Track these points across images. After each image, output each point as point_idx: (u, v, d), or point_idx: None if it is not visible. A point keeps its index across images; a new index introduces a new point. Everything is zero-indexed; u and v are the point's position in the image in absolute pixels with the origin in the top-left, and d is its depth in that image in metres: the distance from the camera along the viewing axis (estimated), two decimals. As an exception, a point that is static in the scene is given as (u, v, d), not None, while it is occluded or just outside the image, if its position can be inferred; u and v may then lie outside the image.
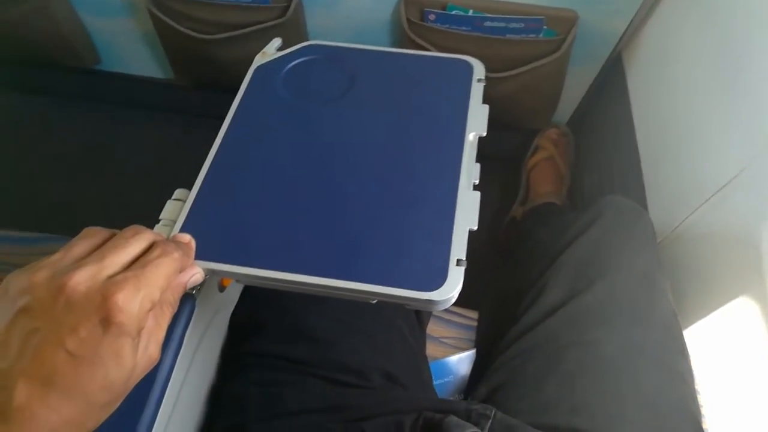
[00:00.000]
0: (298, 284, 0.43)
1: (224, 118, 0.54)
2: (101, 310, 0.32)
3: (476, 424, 0.53)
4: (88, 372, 0.32)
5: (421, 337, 0.69)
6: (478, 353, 0.72)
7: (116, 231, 0.38)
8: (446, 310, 0.75)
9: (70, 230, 0.84)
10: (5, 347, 0.32)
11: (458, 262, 0.43)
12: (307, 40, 0.62)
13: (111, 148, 1.41)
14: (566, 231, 0.71)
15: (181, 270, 0.40)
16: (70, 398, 0.31)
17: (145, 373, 0.36)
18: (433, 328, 0.73)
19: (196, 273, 0.42)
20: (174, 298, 0.39)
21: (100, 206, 1.31)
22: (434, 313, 0.73)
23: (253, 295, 0.62)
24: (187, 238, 0.44)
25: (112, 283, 0.33)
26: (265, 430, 0.53)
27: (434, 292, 0.42)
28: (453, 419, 0.52)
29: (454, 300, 0.43)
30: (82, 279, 0.33)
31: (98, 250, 0.36)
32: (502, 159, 1.22)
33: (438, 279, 0.42)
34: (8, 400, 0.30)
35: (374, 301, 0.44)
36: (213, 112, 0.56)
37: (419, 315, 0.69)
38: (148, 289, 0.34)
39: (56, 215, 1.28)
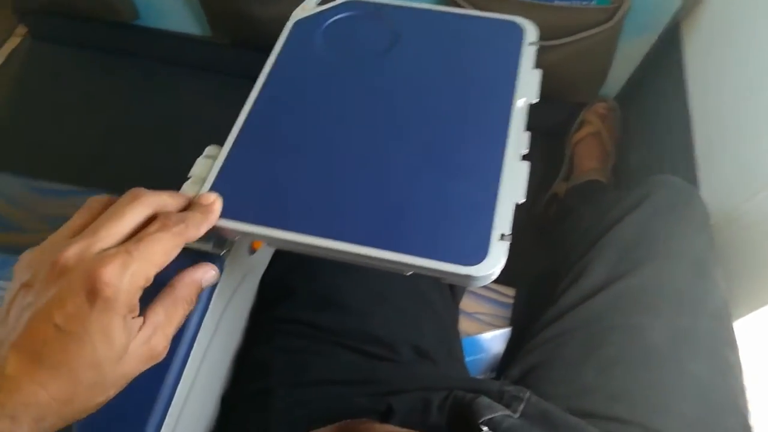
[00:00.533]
0: (331, 251, 0.41)
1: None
2: (87, 283, 0.31)
3: (508, 406, 0.51)
4: (75, 347, 0.31)
5: (454, 312, 0.67)
6: (512, 332, 0.69)
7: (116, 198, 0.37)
8: (481, 286, 0.73)
9: (105, 183, 0.84)
10: (5, 319, 0.33)
11: (502, 237, 0.40)
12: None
13: (147, 103, 1.41)
14: (611, 210, 0.68)
15: (190, 238, 0.37)
16: (56, 374, 0.31)
17: (146, 366, 0.35)
18: (467, 303, 0.71)
19: (210, 271, 0.40)
20: (189, 295, 0.38)
21: (134, 161, 1.31)
22: (470, 288, 0.71)
23: (283, 260, 0.60)
24: (211, 198, 0.41)
25: (100, 257, 0.32)
26: (290, 397, 0.52)
27: (474, 267, 0.39)
28: (484, 400, 0.50)
29: (494, 277, 0.40)
30: (72, 254, 0.32)
31: (94, 222, 0.35)
32: (544, 132, 1.17)
33: (479, 253, 0.39)
34: (1, 369, 0.30)
35: (409, 273, 0.41)
36: (250, 72, 0.53)
37: (453, 289, 0.66)
38: (140, 264, 0.33)
39: (93, 168, 1.29)
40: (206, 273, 0.40)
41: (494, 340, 0.68)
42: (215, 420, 0.56)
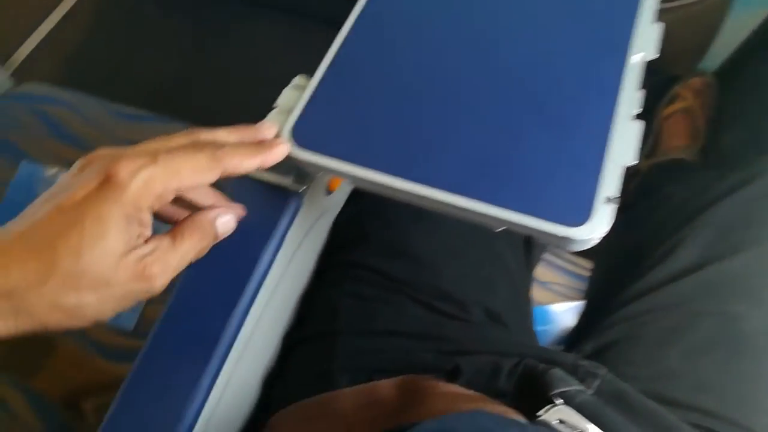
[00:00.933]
0: (419, 197, 0.38)
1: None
2: (101, 173, 0.31)
3: (582, 382, 0.48)
4: (65, 228, 0.30)
5: (527, 278, 0.64)
6: (586, 306, 0.66)
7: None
8: (558, 255, 0.69)
9: (177, 113, 0.84)
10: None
11: (608, 200, 0.37)
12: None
13: (225, 43, 1.40)
14: (711, 188, 0.63)
15: (230, 167, 0.35)
16: (36, 252, 0.30)
17: (134, 286, 0.32)
18: (541, 271, 0.67)
19: (229, 217, 0.38)
20: (202, 231, 0.36)
21: (209, 95, 1.32)
22: (546, 256, 0.67)
23: (358, 204, 0.58)
24: (272, 131, 0.39)
25: (123, 153, 0.32)
26: (356, 343, 0.51)
27: (575, 228, 0.35)
28: (558, 372, 0.47)
29: (594, 242, 0.37)
30: (105, 152, 0.33)
31: None
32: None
33: (581, 215, 0.36)
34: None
35: (500, 229, 0.38)
36: (335, 17, 0.50)
37: (529, 254, 0.63)
38: (161, 171, 0.32)
39: (167, 100, 1.30)
40: (225, 216, 0.38)
41: (566, 312, 0.65)
42: (276, 358, 0.55)
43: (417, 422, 0.38)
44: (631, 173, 1.09)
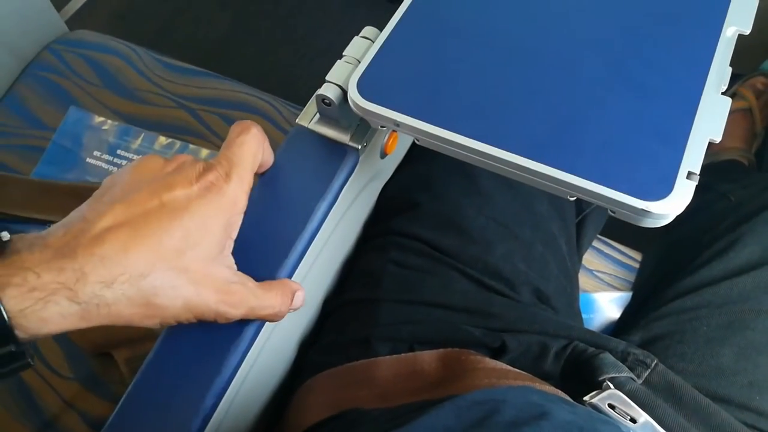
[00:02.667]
0: (490, 158, 0.37)
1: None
2: (198, 176, 0.34)
3: (631, 370, 0.46)
4: (169, 219, 0.32)
5: (577, 264, 0.62)
6: (633, 297, 0.64)
7: None
8: (606, 243, 0.67)
9: (228, 70, 0.83)
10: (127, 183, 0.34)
11: (689, 175, 0.35)
12: None
13: (275, 4, 1.40)
14: (771, 186, 0.60)
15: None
16: (141, 241, 0.31)
17: (206, 310, 0.34)
18: (588, 259, 0.65)
19: (298, 299, 0.40)
20: (286, 296, 0.38)
21: (258, 49, 1.33)
22: (595, 243, 0.65)
23: (408, 173, 0.56)
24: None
25: (212, 164, 0.35)
26: (397, 312, 0.49)
27: (654, 202, 0.34)
28: (608, 357, 0.45)
29: (671, 218, 0.35)
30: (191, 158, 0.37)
31: None
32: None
33: (662, 188, 0.34)
34: (95, 220, 0.31)
35: (573, 198, 0.37)
36: None
37: (580, 240, 0.61)
38: (235, 167, 0.35)
39: (218, 54, 1.32)
40: (302, 293, 0.40)
41: (610, 302, 0.63)
42: (314, 323, 0.54)
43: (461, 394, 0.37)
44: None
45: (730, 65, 0.41)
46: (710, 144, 0.38)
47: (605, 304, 0.63)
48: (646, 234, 0.68)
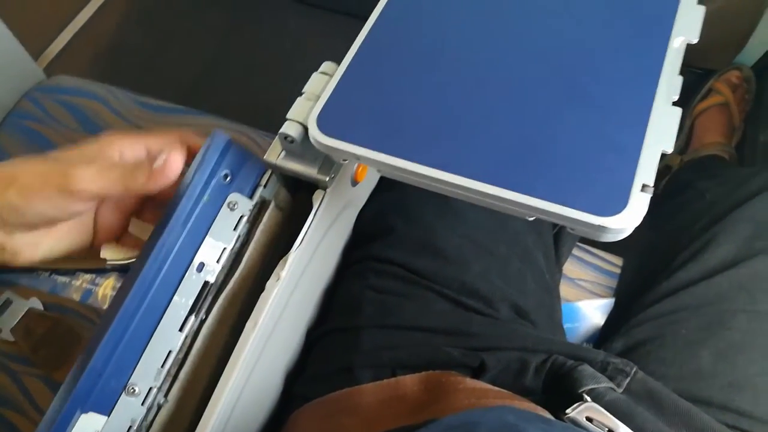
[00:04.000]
0: (449, 185, 0.37)
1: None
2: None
3: (611, 379, 0.46)
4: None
5: (556, 275, 0.62)
6: (616, 303, 0.64)
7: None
8: (586, 251, 0.68)
9: (208, 104, 0.84)
10: None
11: (644, 188, 0.35)
12: None
13: (254, 32, 1.41)
14: (745, 184, 0.61)
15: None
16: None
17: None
18: (570, 268, 0.66)
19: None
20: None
21: (235, 87, 1.34)
22: (575, 251, 0.66)
23: (383, 197, 0.57)
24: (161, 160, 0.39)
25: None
26: (378, 338, 0.50)
27: (610, 218, 0.34)
28: (587, 369, 0.46)
29: (629, 232, 0.35)
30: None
31: None
32: (663, 99, 1.08)
33: (616, 203, 0.35)
34: None
35: (531, 219, 0.37)
36: (361, 11, 0.49)
37: (558, 250, 0.62)
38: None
39: (195, 92, 1.32)
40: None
41: (595, 309, 0.64)
42: (299, 354, 0.55)
43: (440, 418, 0.37)
44: (662, 170, 1.07)
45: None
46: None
47: (590, 312, 0.64)
48: (626, 239, 0.68)
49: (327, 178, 0.44)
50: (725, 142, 1.00)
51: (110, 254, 0.65)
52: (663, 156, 0.37)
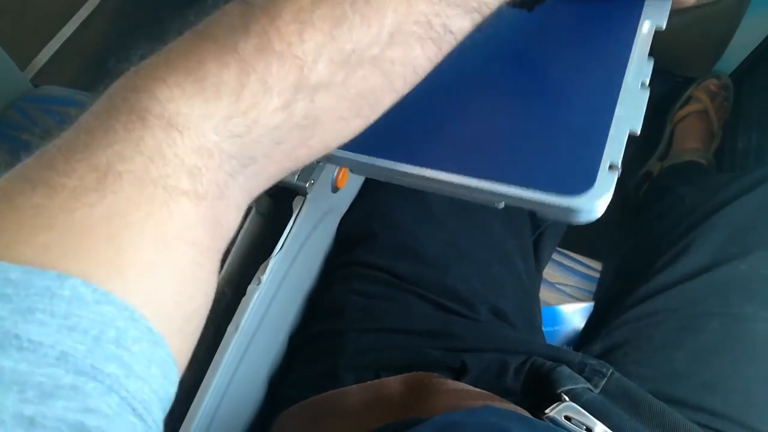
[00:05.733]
0: (418, 179, 0.37)
1: None
2: None
3: (588, 380, 0.47)
4: None
5: (536, 279, 0.63)
6: (595, 307, 0.65)
7: None
8: (567, 256, 0.69)
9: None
10: None
11: (611, 167, 0.35)
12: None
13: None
14: (723, 189, 0.62)
15: None
16: None
17: None
18: (550, 273, 0.67)
19: None
20: None
21: None
22: (555, 257, 0.67)
23: (364, 205, 0.58)
24: None
25: None
26: (361, 341, 0.51)
27: (577, 198, 0.33)
28: (565, 370, 0.47)
29: (599, 213, 0.34)
30: None
31: None
32: (644, 106, 1.10)
33: (583, 183, 0.34)
34: None
35: (501, 206, 0.37)
36: None
37: (538, 255, 0.63)
38: None
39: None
40: None
41: (575, 313, 0.65)
42: (281, 358, 0.56)
43: (423, 417, 0.38)
44: (642, 176, 1.08)
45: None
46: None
47: (570, 316, 0.65)
48: (600, 245, 0.70)
49: (306, 185, 0.45)
50: (704, 148, 1.02)
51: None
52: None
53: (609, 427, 0.42)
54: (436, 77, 0.41)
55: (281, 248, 0.44)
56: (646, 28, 0.42)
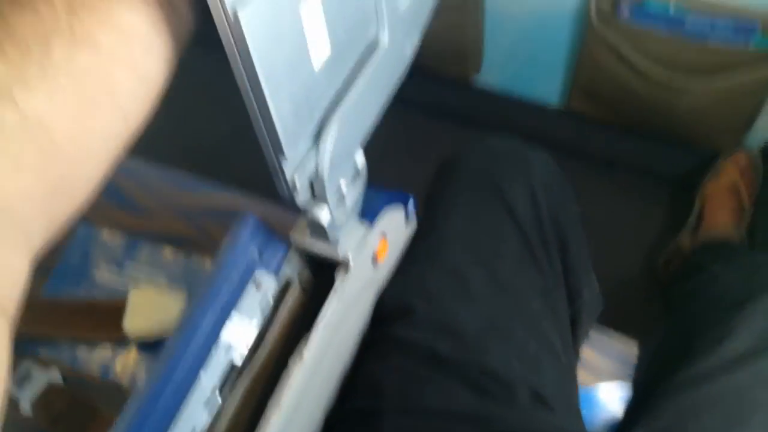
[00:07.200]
0: None
1: None
2: None
3: None
4: None
5: (573, 358, 0.62)
6: (634, 391, 0.64)
7: None
8: (604, 335, 0.68)
9: (226, 180, 0.87)
10: None
11: None
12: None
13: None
14: (759, 273, 0.62)
15: None
16: None
17: None
18: (586, 352, 0.66)
19: None
20: None
21: (255, 162, 1.36)
22: (591, 334, 0.66)
23: (402, 280, 0.58)
24: None
25: None
26: (400, 423, 0.50)
27: None
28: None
29: None
30: None
31: None
32: (672, 179, 1.10)
33: None
34: None
35: None
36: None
37: (575, 333, 0.62)
38: None
39: (214, 164, 1.35)
40: None
41: (611, 395, 0.63)
42: (320, 432, 0.54)
43: None
44: (673, 252, 1.07)
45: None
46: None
47: (606, 399, 0.63)
48: (634, 322, 0.69)
49: (349, 257, 0.45)
50: (735, 224, 1.01)
51: (131, 325, 0.65)
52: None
53: None
54: None
55: (323, 322, 0.44)
56: None
